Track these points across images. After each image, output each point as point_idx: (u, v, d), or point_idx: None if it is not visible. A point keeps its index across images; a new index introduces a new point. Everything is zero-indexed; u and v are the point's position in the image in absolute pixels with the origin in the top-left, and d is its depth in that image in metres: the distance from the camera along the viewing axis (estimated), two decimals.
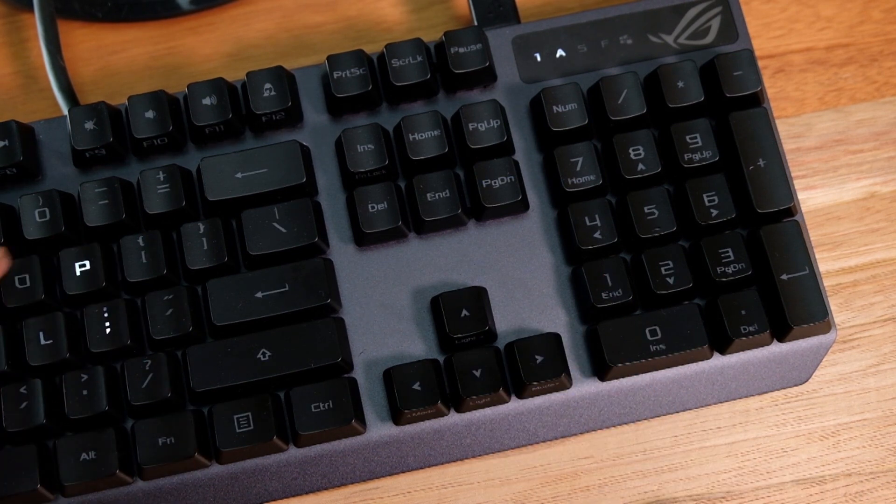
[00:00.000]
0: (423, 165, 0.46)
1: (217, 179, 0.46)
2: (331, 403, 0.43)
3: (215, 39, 0.53)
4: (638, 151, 0.46)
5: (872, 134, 0.51)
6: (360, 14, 0.53)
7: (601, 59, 0.48)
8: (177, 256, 0.46)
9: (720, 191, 0.46)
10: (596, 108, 0.47)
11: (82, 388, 0.43)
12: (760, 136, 0.46)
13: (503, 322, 0.46)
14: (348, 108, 0.48)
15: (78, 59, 0.53)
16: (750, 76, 0.47)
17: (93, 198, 0.45)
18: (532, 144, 0.48)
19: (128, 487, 0.44)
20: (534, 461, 0.46)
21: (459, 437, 0.45)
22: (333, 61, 0.47)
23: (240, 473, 0.44)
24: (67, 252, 0.45)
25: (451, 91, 0.48)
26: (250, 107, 0.47)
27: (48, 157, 0.47)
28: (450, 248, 0.46)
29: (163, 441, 0.43)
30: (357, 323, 0.46)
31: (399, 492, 0.46)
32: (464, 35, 0.47)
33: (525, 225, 0.47)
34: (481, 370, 0.44)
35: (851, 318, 0.48)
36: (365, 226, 0.45)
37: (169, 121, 0.46)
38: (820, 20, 0.53)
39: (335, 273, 0.46)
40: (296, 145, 0.46)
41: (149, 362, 0.44)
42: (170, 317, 0.44)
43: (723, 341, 0.44)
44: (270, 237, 0.45)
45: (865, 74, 0.52)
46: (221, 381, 0.44)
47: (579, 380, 0.45)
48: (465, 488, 0.46)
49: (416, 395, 0.44)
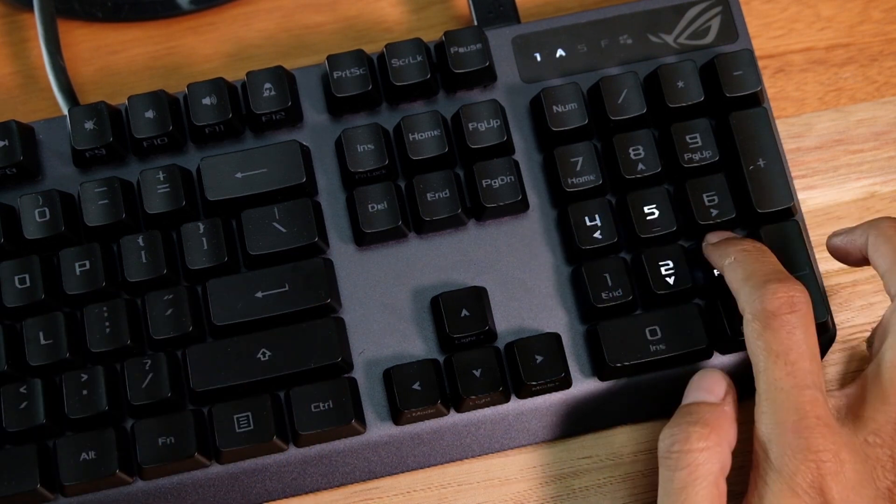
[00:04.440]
0: (423, 165, 0.46)
1: (217, 179, 0.46)
2: (331, 403, 0.43)
3: (215, 39, 0.53)
4: (638, 151, 0.46)
5: (872, 134, 0.51)
6: (360, 14, 0.53)
7: (601, 59, 0.48)
8: (177, 256, 0.46)
9: (720, 191, 0.46)
10: (596, 108, 0.47)
11: (82, 388, 0.43)
12: (760, 136, 0.46)
13: (503, 322, 0.46)
14: (348, 108, 0.48)
15: (78, 59, 0.53)
16: (750, 76, 0.47)
17: (93, 198, 0.45)
18: (532, 144, 0.48)
19: (128, 487, 0.44)
20: (534, 461, 0.46)
21: (459, 437, 0.45)
22: (333, 61, 0.47)
23: (240, 473, 0.44)
24: (67, 252, 0.45)
25: (451, 91, 0.48)
26: (250, 107, 0.47)
27: (48, 157, 0.47)
28: (450, 248, 0.46)
29: (163, 441, 0.43)
30: (357, 323, 0.46)
31: (399, 492, 0.46)
32: (464, 35, 0.47)
33: (525, 225, 0.47)
34: (481, 370, 0.44)
35: (851, 318, 0.48)
36: (365, 226, 0.45)
37: (169, 121, 0.46)
38: (820, 20, 0.53)
39: (335, 273, 0.46)
40: (296, 145, 0.46)
41: (149, 362, 0.44)
42: (170, 317, 0.44)
43: (723, 342, 0.44)
44: (270, 237, 0.45)
45: (865, 74, 0.52)
46: (221, 381, 0.44)
47: (579, 380, 0.45)
48: (465, 488, 0.46)
49: (416, 395, 0.44)
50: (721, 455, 0.39)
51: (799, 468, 0.38)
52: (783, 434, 0.39)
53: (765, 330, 0.40)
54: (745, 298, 0.41)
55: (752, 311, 0.40)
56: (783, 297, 0.40)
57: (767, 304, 0.40)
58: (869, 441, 0.39)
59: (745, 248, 0.43)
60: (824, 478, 0.38)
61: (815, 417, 0.38)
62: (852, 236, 0.44)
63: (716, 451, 0.39)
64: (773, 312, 0.40)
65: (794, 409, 0.39)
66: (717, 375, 0.42)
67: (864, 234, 0.43)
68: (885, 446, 0.39)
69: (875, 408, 0.40)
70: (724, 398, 0.41)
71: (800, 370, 0.39)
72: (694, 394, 0.42)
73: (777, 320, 0.40)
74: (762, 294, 0.40)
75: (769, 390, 0.39)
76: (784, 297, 0.40)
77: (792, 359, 0.39)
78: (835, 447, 0.38)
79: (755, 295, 0.40)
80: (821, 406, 0.39)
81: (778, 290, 0.40)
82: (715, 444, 0.39)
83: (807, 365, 0.39)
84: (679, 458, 0.39)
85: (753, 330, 0.40)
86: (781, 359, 0.39)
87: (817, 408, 0.39)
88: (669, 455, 0.39)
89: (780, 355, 0.39)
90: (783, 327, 0.39)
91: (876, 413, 0.40)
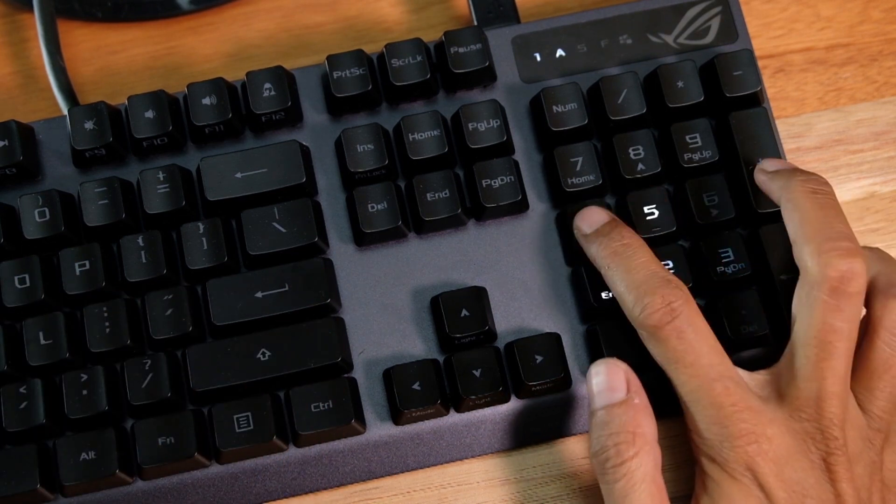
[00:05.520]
0: (423, 165, 0.46)
1: (217, 179, 0.46)
2: (331, 403, 0.43)
3: (215, 39, 0.53)
4: (638, 151, 0.46)
5: (872, 134, 0.51)
6: (360, 14, 0.53)
7: (601, 59, 0.48)
8: (177, 256, 0.46)
9: (720, 190, 0.46)
10: (596, 108, 0.47)
11: (82, 388, 0.43)
12: (760, 136, 0.46)
13: (503, 322, 0.46)
14: (348, 108, 0.48)
15: (78, 59, 0.53)
16: (750, 76, 0.47)
17: (93, 198, 0.45)
18: (532, 144, 0.48)
19: (128, 487, 0.44)
20: (534, 461, 0.46)
21: (459, 437, 0.45)
22: (333, 61, 0.47)
23: (240, 473, 0.44)
24: (67, 252, 0.45)
25: (450, 91, 0.48)
26: (250, 107, 0.47)
27: (48, 157, 0.47)
28: (450, 248, 0.46)
29: (163, 441, 0.43)
30: (357, 323, 0.46)
31: (399, 492, 0.46)
32: (464, 35, 0.47)
33: (525, 225, 0.47)
34: (481, 370, 0.44)
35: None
36: (365, 226, 0.45)
37: (169, 121, 0.46)
38: (820, 20, 0.53)
39: (335, 273, 0.46)
40: (296, 145, 0.46)
41: (149, 362, 0.44)
42: (170, 317, 0.44)
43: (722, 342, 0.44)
44: (270, 237, 0.45)
45: (865, 74, 0.52)
46: (221, 381, 0.44)
47: (579, 380, 0.45)
48: (465, 488, 0.46)
49: (415, 395, 0.44)
50: (651, 452, 0.40)
51: (730, 455, 0.40)
52: (709, 428, 0.40)
53: (656, 343, 0.41)
54: (628, 314, 0.42)
55: (638, 326, 0.42)
56: (660, 310, 0.40)
57: (648, 320, 0.41)
58: (794, 417, 0.40)
59: (616, 252, 0.43)
60: (753, 458, 0.39)
61: (731, 406, 0.40)
62: (770, 186, 0.44)
63: (645, 450, 0.40)
64: (656, 326, 0.41)
65: (709, 404, 0.40)
66: (612, 368, 0.42)
67: (778, 192, 0.43)
68: (811, 420, 0.40)
69: (796, 385, 0.40)
70: (628, 390, 0.41)
71: (701, 368, 0.40)
72: (599, 398, 0.41)
73: (662, 332, 0.41)
74: (641, 312, 0.41)
75: (684, 394, 0.41)
76: (661, 308, 0.40)
77: (689, 361, 0.40)
78: (758, 428, 0.39)
79: (636, 312, 0.41)
80: (733, 393, 0.40)
81: (653, 304, 0.41)
82: (641, 445, 0.40)
83: (706, 360, 0.40)
84: (614, 471, 0.39)
85: (647, 342, 0.42)
86: (681, 364, 0.40)
87: (731, 396, 0.40)
88: (605, 471, 0.40)
89: (679, 362, 0.40)
90: (671, 336, 0.40)
91: (798, 390, 0.40)
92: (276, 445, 0.44)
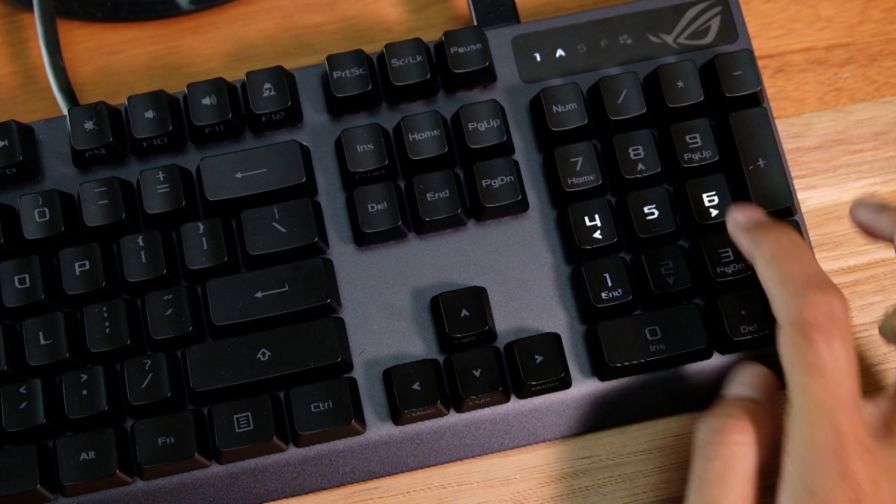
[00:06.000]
0: (423, 165, 0.46)
1: (217, 179, 0.46)
2: (330, 403, 0.43)
3: (215, 39, 0.53)
4: (638, 151, 0.46)
5: (872, 134, 0.51)
6: (360, 14, 0.53)
7: (601, 58, 0.48)
8: (177, 256, 0.46)
9: (720, 191, 0.46)
10: (596, 108, 0.47)
11: (82, 388, 0.43)
12: (760, 135, 0.46)
13: (503, 322, 0.46)
14: (348, 108, 0.48)
15: (78, 59, 0.53)
16: (750, 76, 0.47)
17: (92, 198, 0.45)
18: (532, 144, 0.48)
19: (128, 487, 0.44)
20: (534, 461, 0.46)
21: (459, 437, 0.45)
22: (333, 61, 0.47)
23: (239, 473, 0.44)
24: (67, 252, 0.45)
25: (450, 91, 0.48)
26: (250, 107, 0.47)
27: (48, 157, 0.47)
28: (450, 248, 0.46)
29: (163, 441, 0.43)
30: (357, 323, 0.46)
31: (399, 492, 0.46)
32: (464, 35, 0.47)
33: (525, 225, 0.47)
34: (481, 370, 0.44)
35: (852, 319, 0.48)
36: (365, 226, 0.45)
37: (169, 121, 0.46)
38: (820, 20, 0.53)
39: (335, 273, 0.46)
40: (295, 145, 0.46)
41: (148, 362, 0.44)
42: (169, 317, 0.44)
43: (723, 342, 0.44)
44: (270, 237, 0.45)
45: (865, 74, 0.52)
46: (221, 381, 0.44)
47: (579, 380, 0.45)
48: (465, 488, 0.46)
49: (415, 395, 0.44)
50: (759, 453, 0.38)
51: (834, 491, 0.36)
52: (819, 455, 0.37)
53: (802, 341, 0.37)
54: (781, 304, 0.38)
55: (788, 320, 0.38)
56: (823, 308, 0.37)
57: (806, 314, 0.37)
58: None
59: (780, 241, 0.40)
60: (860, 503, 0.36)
61: (854, 441, 0.36)
62: (878, 219, 0.42)
63: (754, 447, 0.38)
64: (812, 324, 0.37)
65: (831, 429, 0.36)
66: (762, 371, 0.41)
67: (891, 224, 0.41)
68: None
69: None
70: (768, 397, 0.40)
71: (838, 387, 0.37)
72: (737, 388, 0.40)
73: (815, 332, 0.37)
74: (800, 303, 0.37)
75: (805, 406, 0.37)
76: (824, 307, 0.37)
77: (830, 374, 0.37)
78: (873, 472, 0.36)
79: (792, 302, 0.38)
80: (859, 427, 0.37)
81: (817, 300, 0.37)
82: (755, 440, 0.38)
83: (845, 381, 0.37)
84: (716, 448, 0.38)
85: (789, 339, 0.38)
86: (819, 374, 0.37)
87: (856, 429, 0.37)
88: (706, 445, 0.38)
89: (818, 370, 0.37)
90: (822, 340, 0.37)
91: None
92: (276, 445, 0.44)
